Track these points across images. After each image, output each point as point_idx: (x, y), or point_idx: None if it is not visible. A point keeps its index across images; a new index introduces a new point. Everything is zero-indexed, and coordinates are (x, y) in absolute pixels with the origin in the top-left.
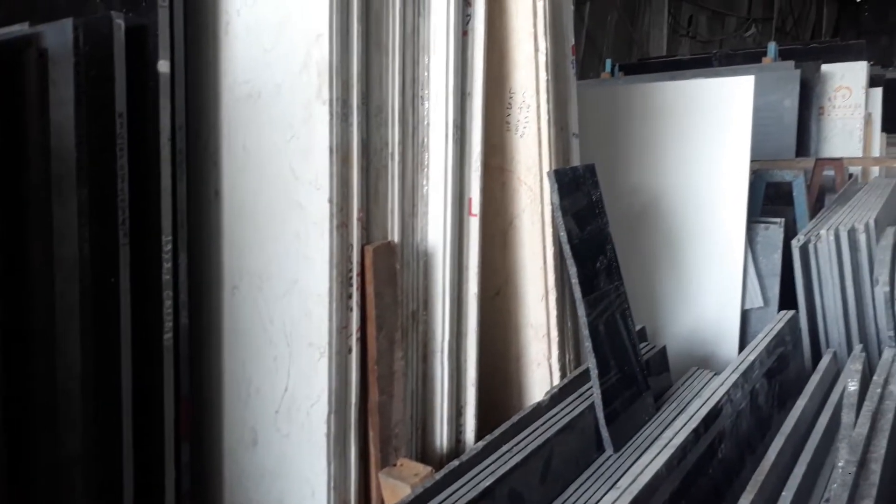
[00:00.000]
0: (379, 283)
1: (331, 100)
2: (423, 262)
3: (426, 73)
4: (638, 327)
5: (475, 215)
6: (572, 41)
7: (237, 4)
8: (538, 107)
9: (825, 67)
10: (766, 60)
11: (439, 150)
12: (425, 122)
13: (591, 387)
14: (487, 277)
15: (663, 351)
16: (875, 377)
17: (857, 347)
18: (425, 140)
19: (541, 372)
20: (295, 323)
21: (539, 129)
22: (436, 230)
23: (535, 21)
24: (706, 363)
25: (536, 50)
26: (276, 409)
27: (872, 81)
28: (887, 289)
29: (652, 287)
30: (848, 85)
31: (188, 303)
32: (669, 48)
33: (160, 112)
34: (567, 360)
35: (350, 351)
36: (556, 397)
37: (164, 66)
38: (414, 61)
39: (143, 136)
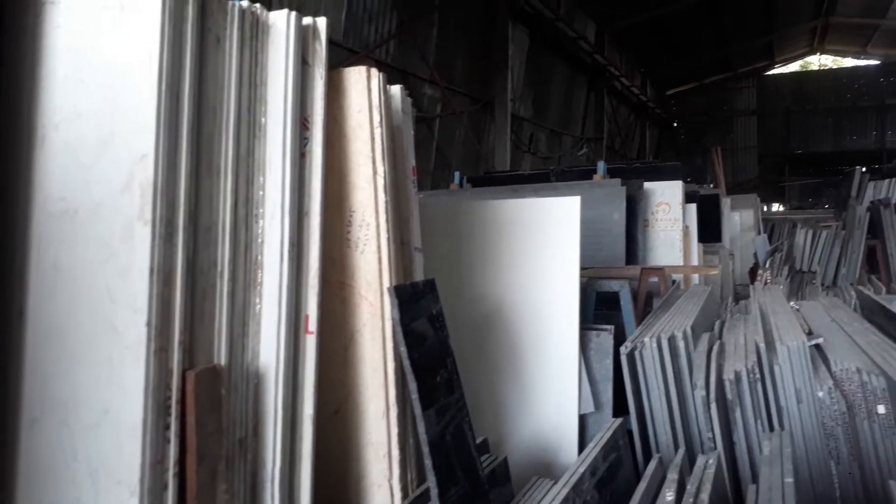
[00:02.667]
0: (201, 410)
1: (154, 220)
2: (254, 385)
3: (261, 193)
4: (480, 439)
5: (312, 332)
6: (413, 163)
7: (56, 119)
8: (378, 225)
9: (647, 185)
10: (597, 178)
11: (274, 267)
12: (259, 240)
13: None
14: (327, 395)
15: (505, 462)
16: (689, 486)
17: (679, 453)
18: (259, 258)
19: (381, 494)
20: (103, 458)
21: (379, 246)
22: (268, 350)
23: (374, 146)
24: (549, 469)
25: (375, 173)
26: None
27: (688, 197)
28: (704, 392)
29: (495, 395)
30: (667, 201)
31: None
32: (513, 162)
33: None
34: (409, 478)
35: (165, 487)
36: None
37: None
38: (248, 181)
39: None
